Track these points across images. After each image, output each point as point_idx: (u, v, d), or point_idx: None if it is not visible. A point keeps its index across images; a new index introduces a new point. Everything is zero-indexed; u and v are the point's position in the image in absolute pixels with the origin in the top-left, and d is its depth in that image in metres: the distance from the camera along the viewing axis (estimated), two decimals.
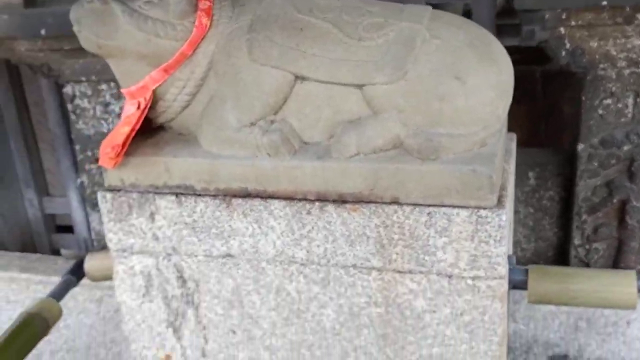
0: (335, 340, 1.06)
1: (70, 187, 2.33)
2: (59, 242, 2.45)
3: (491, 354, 0.96)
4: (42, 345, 1.69)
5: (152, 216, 1.06)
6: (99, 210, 2.07)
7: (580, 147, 1.58)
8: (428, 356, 1.01)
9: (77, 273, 1.27)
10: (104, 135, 1.89)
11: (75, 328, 1.65)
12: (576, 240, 1.66)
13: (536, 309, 1.41)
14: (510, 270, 0.98)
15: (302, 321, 1.07)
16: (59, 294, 1.20)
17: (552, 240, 1.79)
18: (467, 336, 0.97)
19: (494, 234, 0.89)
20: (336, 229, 0.97)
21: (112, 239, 1.10)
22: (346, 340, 1.05)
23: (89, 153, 1.98)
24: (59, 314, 1.17)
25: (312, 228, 0.99)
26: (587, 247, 1.65)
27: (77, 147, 2.00)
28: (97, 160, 1.99)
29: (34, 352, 1.69)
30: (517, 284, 1.00)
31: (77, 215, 2.36)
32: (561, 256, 1.76)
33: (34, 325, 1.08)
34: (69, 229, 2.44)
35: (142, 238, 1.08)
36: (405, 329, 1.01)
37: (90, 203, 2.06)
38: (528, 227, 1.78)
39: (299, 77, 0.94)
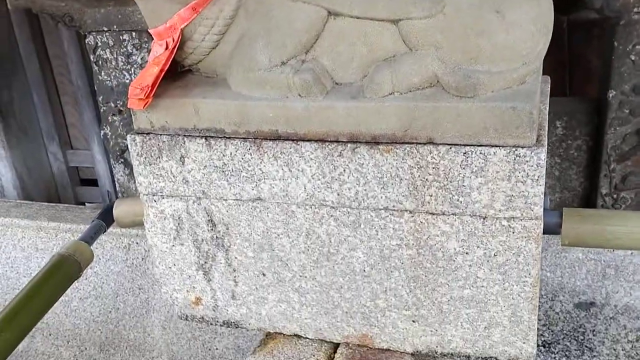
0: (365, 283, 1.07)
1: (93, 140, 2.34)
2: (84, 194, 2.48)
3: (524, 295, 0.96)
4: (71, 292, 1.72)
5: (182, 159, 1.06)
6: (122, 162, 2.08)
7: (611, 94, 1.55)
8: (459, 298, 1.01)
9: (106, 218, 1.28)
10: (126, 86, 1.88)
11: (103, 275, 1.67)
12: (603, 190, 1.64)
13: (563, 256, 1.40)
14: (544, 213, 0.97)
15: (331, 264, 1.07)
16: (90, 237, 1.21)
17: (578, 190, 1.77)
18: (500, 278, 0.96)
19: (532, 174, 0.87)
20: (368, 171, 0.96)
21: (142, 182, 1.10)
22: (376, 282, 1.06)
23: (112, 104, 1.98)
24: (90, 257, 1.18)
25: (344, 170, 0.98)
26: (614, 196, 1.63)
27: (100, 98, 2.00)
28: (120, 112, 1.99)
29: (63, 298, 1.72)
30: (550, 227, 0.99)
31: (101, 168, 2.37)
32: (587, 206, 1.75)
33: (67, 267, 1.10)
34: (93, 182, 2.46)
35: (172, 182, 1.09)
36: (436, 271, 1.00)
37: (114, 155, 2.07)
38: (554, 177, 1.77)
39: (332, 13, 0.92)
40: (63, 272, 1.09)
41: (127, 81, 1.90)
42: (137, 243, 1.63)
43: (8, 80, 2.23)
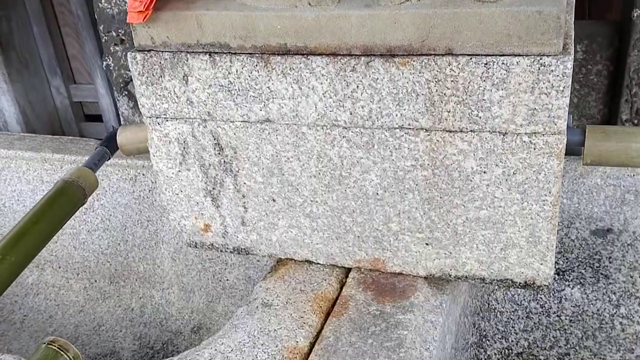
0: (378, 206, 1.03)
1: (96, 74, 2.28)
2: (88, 130, 2.44)
3: (543, 214, 0.93)
4: (79, 225, 1.71)
5: (185, 78, 1.01)
6: (126, 94, 2.03)
7: (636, 13, 1.47)
8: (475, 219, 0.98)
9: (110, 145, 1.24)
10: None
11: (111, 207, 1.65)
12: (624, 115, 1.58)
13: (581, 182, 1.36)
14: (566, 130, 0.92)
15: (343, 187, 1.04)
16: (94, 164, 1.18)
17: (597, 118, 1.71)
18: (519, 197, 0.93)
19: (557, 84, 0.82)
20: (383, 87, 0.91)
21: (145, 104, 1.06)
22: (389, 205, 1.02)
23: (113, 34, 1.90)
24: (95, 184, 1.15)
25: (357, 87, 0.93)
26: (635, 121, 1.57)
27: (101, 27, 1.92)
28: (122, 41, 1.92)
29: (71, 231, 1.72)
30: (572, 144, 0.94)
31: (105, 103, 2.32)
32: None
33: (71, 193, 1.07)
34: (97, 118, 2.42)
35: (175, 102, 1.04)
36: (452, 191, 0.97)
37: (117, 87, 2.01)
38: (572, 105, 1.70)
39: None
40: (67, 197, 1.06)
41: None
42: (143, 175, 1.60)
43: (7, 11, 2.16)
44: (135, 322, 1.65)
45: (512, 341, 1.37)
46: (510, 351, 1.36)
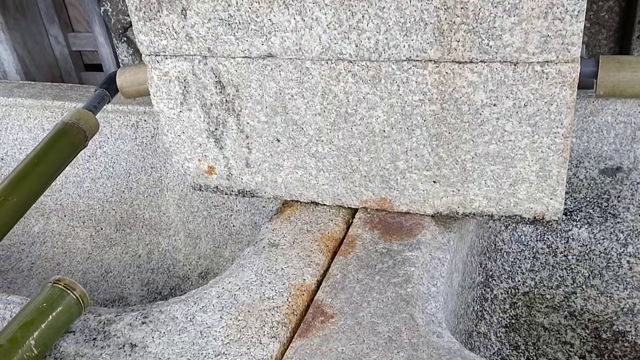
0: (385, 144, 1.01)
1: (94, 21, 2.23)
2: (88, 80, 2.41)
3: (554, 147, 0.90)
4: (82, 172, 1.70)
5: (183, 12, 0.97)
6: (125, 41, 1.98)
7: None
8: (484, 155, 0.96)
9: (109, 88, 1.22)
10: None
11: (114, 154, 1.64)
12: (635, 52, 1.54)
13: (590, 120, 1.33)
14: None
15: (349, 125, 1.01)
16: (94, 107, 1.15)
17: None
18: (530, 130, 0.90)
19: (571, 8, 0.78)
20: (390, 16, 0.88)
21: (143, 41, 1.03)
22: (396, 142, 1.00)
23: None
24: (95, 126, 1.13)
25: (362, 17, 0.89)
26: None
27: None
28: None
29: (75, 179, 1.71)
30: (585, 76, 0.91)
31: (104, 51, 2.28)
32: None
33: (72, 135, 1.05)
34: (97, 67, 2.38)
35: (174, 39, 1.01)
36: (460, 126, 0.94)
37: (116, 34, 1.96)
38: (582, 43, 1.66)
39: None
40: (68, 139, 1.04)
41: None
42: (144, 120, 1.58)
43: None
44: (143, 269, 1.66)
45: (518, 281, 1.37)
46: (516, 290, 1.36)
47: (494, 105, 0.90)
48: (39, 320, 0.80)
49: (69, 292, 0.84)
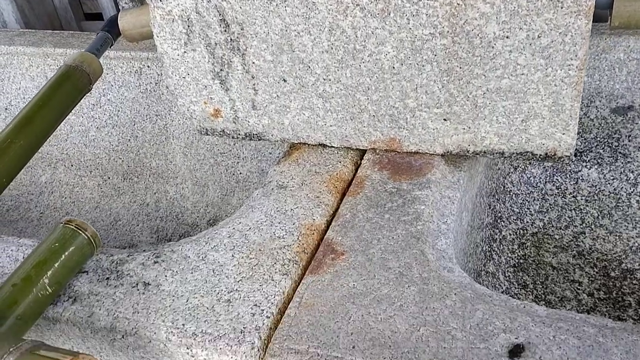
0: (394, 81, 0.99)
1: None
2: (89, 29, 2.37)
3: (568, 80, 0.88)
4: (87, 122, 1.68)
5: None
6: None
7: None
8: (496, 90, 0.94)
9: (112, 30, 1.19)
10: None
11: (118, 103, 1.62)
12: None
13: (602, 58, 1.30)
14: None
15: (358, 62, 0.99)
16: (96, 50, 1.13)
17: None
18: (543, 62, 0.88)
19: None
20: None
21: None
22: (406, 79, 0.98)
23: None
24: (99, 70, 1.11)
25: None
26: None
27: None
28: None
29: (80, 127, 1.69)
30: (600, 7, 0.88)
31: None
32: None
33: (75, 78, 1.03)
34: (98, 17, 2.34)
35: None
36: (472, 60, 0.92)
37: None
38: None
39: None
40: (72, 82, 1.03)
41: None
42: (148, 67, 1.56)
43: None
44: (152, 217, 1.67)
45: (527, 222, 1.37)
46: (525, 231, 1.36)
47: (507, 37, 0.88)
48: (52, 259, 0.80)
49: (80, 232, 0.84)
